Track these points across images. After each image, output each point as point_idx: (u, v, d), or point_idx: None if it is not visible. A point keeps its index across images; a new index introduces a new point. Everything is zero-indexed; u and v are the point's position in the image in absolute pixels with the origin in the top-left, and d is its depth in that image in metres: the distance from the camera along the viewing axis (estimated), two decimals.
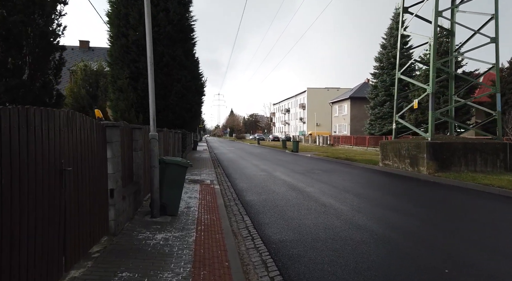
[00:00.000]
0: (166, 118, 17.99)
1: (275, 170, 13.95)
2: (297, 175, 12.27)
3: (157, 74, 17.56)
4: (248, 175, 12.38)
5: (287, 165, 16.14)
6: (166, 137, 10.93)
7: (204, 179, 10.84)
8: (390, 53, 34.63)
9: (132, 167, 6.15)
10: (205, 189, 9.15)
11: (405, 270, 3.81)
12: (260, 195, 8.46)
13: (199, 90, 19.59)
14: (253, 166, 15.70)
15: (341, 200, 7.83)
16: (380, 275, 3.67)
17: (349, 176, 12.22)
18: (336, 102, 57.28)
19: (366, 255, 4.26)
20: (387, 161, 13.63)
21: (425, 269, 3.84)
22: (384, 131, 34.56)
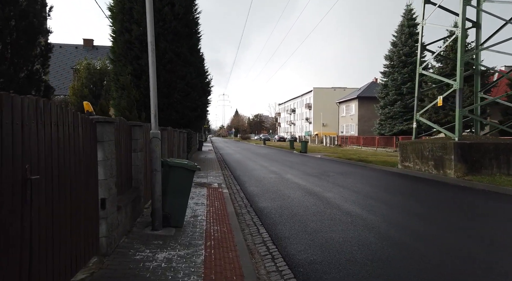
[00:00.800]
0: (169, 117, 17.21)
1: (286, 172, 13.09)
2: (311, 178, 11.39)
3: (159, 71, 16.79)
4: (258, 178, 11.53)
5: (297, 167, 15.26)
6: (171, 137, 10.13)
7: (211, 182, 10.01)
8: (401, 50, 33.57)
9: (130, 170, 5.33)
10: (213, 193, 8.32)
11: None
12: (274, 201, 7.60)
13: (204, 88, 18.78)
14: (262, 168, 14.85)
15: (367, 208, 6.94)
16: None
17: (367, 180, 11.31)
18: (343, 102, 56.24)
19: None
20: (407, 163, 12.68)
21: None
22: (395, 131, 33.51)
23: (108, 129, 3.83)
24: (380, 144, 34.83)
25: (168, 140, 9.51)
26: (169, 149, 9.70)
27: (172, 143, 10.81)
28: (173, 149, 10.87)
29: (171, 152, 10.19)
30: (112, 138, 3.95)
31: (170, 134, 10.03)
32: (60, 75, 32.89)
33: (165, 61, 16.75)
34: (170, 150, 9.83)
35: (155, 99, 5.05)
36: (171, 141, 10.25)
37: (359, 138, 39.51)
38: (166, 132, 8.85)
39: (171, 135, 10.26)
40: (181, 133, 13.45)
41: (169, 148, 9.65)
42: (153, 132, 4.93)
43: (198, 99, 17.87)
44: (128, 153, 5.16)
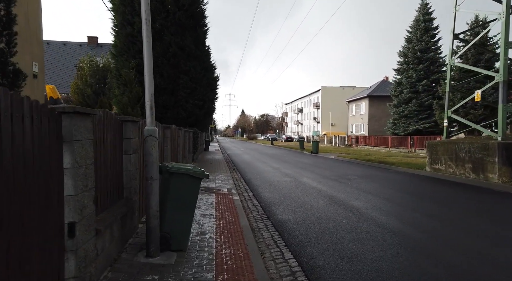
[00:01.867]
0: (177, 116, 16.15)
1: (301, 175, 11.91)
2: (330, 182, 10.20)
3: (163, 67, 15.76)
4: (271, 182, 10.37)
5: (312, 169, 14.06)
6: (175, 136, 9.02)
7: (220, 187, 8.88)
8: (416, 46, 32.09)
9: (121, 177, 4.22)
10: (222, 201, 7.19)
11: None
12: (295, 211, 6.43)
13: (211, 83, 17.67)
14: (274, 170, 13.68)
15: (410, 222, 5.74)
16: None
17: (395, 184, 10.08)
18: (353, 101, 54.77)
19: None
20: (438, 165, 11.40)
21: None
22: (410, 131, 32.06)
23: (82, 124, 2.71)
24: (393, 144, 33.41)
25: (172, 141, 8.41)
26: (173, 150, 8.60)
27: (176, 143, 9.72)
28: (177, 150, 9.77)
29: (175, 153, 9.09)
30: (88, 136, 2.83)
31: (174, 133, 8.94)
32: (64, 73, 32.15)
33: (169, 55, 15.71)
34: (174, 151, 8.72)
35: (151, 87, 3.94)
36: (175, 141, 9.15)
37: (371, 138, 38.09)
38: (169, 131, 7.75)
39: (175, 134, 9.17)
40: (186, 132, 12.37)
41: (172, 149, 8.55)
42: (148, 129, 3.80)
43: (205, 94, 16.77)
44: (117, 155, 4.05)
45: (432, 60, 31.81)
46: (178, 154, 9.90)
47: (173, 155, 8.69)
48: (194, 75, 16.31)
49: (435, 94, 30.93)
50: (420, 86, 31.48)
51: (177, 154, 9.82)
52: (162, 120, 15.91)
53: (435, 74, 31.57)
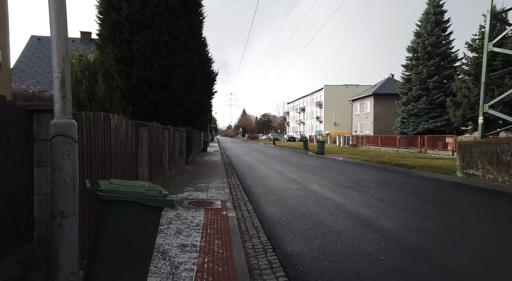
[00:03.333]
0: (169, 112, 14.46)
1: (310, 181, 10.21)
2: (346, 191, 8.50)
3: (153, 58, 14.08)
4: (275, 190, 8.68)
5: (321, 173, 12.36)
6: (156, 136, 7.33)
7: (212, 199, 7.19)
8: (426, 41, 30.32)
9: (29, 204, 2.52)
10: (212, 220, 5.50)
11: None
12: (310, 238, 4.73)
13: (208, 78, 15.99)
14: (277, 174, 11.99)
15: (484, 258, 4.04)
16: None
17: (427, 195, 8.36)
18: (357, 99, 53.12)
19: None
20: (473, 170, 9.66)
21: None
22: (420, 130, 30.32)
23: None
24: (402, 145, 31.68)
25: (151, 142, 6.73)
26: (153, 155, 6.90)
27: (161, 145, 8.02)
28: (161, 153, 8.08)
29: (157, 158, 7.40)
30: None
31: (155, 133, 7.24)
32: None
33: (160, 45, 14.01)
34: (155, 155, 7.03)
35: (62, 50, 2.24)
36: (158, 142, 7.45)
37: (377, 137, 36.34)
38: (146, 129, 6.06)
39: (157, 134, 7.46)
40: (176, 131, 10.69)
41: (153, 153, 6.86)
42: (56, 124, 2.11)
43: (201, 90, 15.09)
44: (21, 168, 2.36)
45: (443, 55, 30.04)
46: (163, 158, 8.21)
47: (154, 161, 7.00)
48: (191, 69, 14.64)
49: (447, 91, 29.18)
50: (431, 82, 29.71)
51: (162, 158, 8.13)
52: (152, 117, 14.23)
53: (446, 70, 29.82)
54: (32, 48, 32.43)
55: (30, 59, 31.18)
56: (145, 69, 13.60)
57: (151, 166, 6.69)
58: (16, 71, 29.69)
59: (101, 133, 3.85)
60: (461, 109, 24.12)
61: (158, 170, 7.48)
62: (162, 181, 7.79)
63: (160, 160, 7.84)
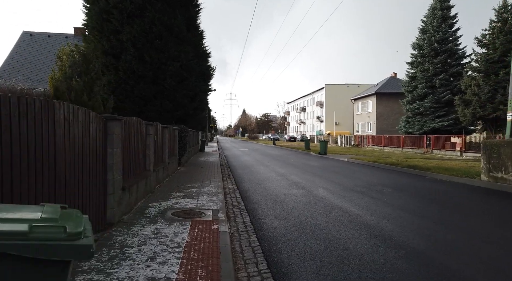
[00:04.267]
0: (161, 108, 13.35)
1: (315, 185, 9.10)
2: (358, 197, 7.38)
3: (144, 50, 12.97)
4: (277, 196, 7.57)
5: (327, 176, 11.25)
6: (133, 134, 6.20)
7: (202, 208, 6.07)
8: (432, 37, 29.20)
9: None
10: (199, 238, 4.38)
11: None
12: (326, 267, 3.59)
13: (204, 72, 14.86)
14: (278, 177, 10.88)
15: None
16: None
17: (454, 203, 7.24)
18: (359, 99, 52.02)
19: None
20: (501, 174, 8.52)
21: None
22: (425, 129, 29.19)
23: None
24: (407, 145, 30.61)
25: (129, 141, 5.61)
26: (130, 155, 5.77)
27: (143, 145, 6.90)
28: (145, 153, 6.95)
29: (137, 159, 6.27)
30: None
31: (135, 130, 6.11)
32: (46, 67, 29.40)
33: (152, 36, 12.89)
34: (132, 156, 5.90)
35: None
36: (137, 142, 6.32)
37: (380, 137, 35.25)
38: (118, 124, 4.94)
39: (137, 131, 6.33)
40: (165, 129, 9.55)
41: (130, 156, 5.73)
42: None
43: (197, 85, 13.98)
44: None
45: (450, 52, 28.92)
46: (147, 159, 7.09)
47: (132, 163, 5.88)
48: (185, 62, 13.53)
49: (454, 89, 28.07)
50: (437, 80, 28.59)
51: (145, 160, 7.00)
52: (141, 114, 13.12)
53: (454, 67, 28.70)
54: (23, 44, 31.30)
55: (22, 55, 30.06)
56: (132, 60, 12.48)
57: (128, 169, 5.57)
58: (7, 67, 28.54)
59: (38, 125, 2.75)
60: (471, 108, 22.99)
61: (139, 174, 6.36)
62: (144, 186, 6.67)
63: (142, 162, 6.72)
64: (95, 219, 4.27)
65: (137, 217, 5.23)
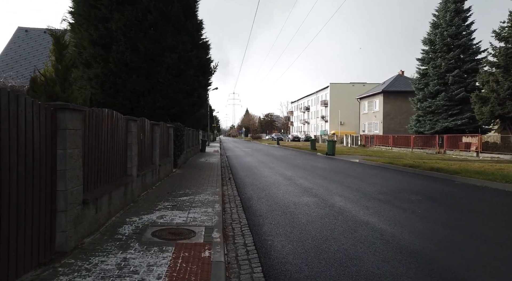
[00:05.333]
0: (154, 104, 12.11)
1: (329, 192, 7.79)
2: (384, 209, 6.07)
3: (137, 39, 11.76)
4: (286, 207, 6.27)
5: (340, 179, 9.93)
6: (103, 130, 4.92)
7: (192, 223, 4.77)
8: (445, 31, 27.73)
9: None
10: (182, 274, 3.09)
11: None
12: None
13: (204, 65, 13.59)
14: (286, 181, 9.58)
15: None
16: None
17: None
18: (366, 97, 50.52)
19: None
20: None
21: None
22: (437, 129, 27.70)
23: None
24: (417, 145, 29.17)
25: (96, 139, 4.34)
26: (99, 160, 4.49)
27: (122, 144, 5.62)
28: (126, 156, 5.66)
29: (111, 166, 4.98)
30: None
31: (106, 126, 4.83)
32: (41, 63, 28.30)
33: (146, 25, 11.64)
34: (104, 161, 4.61)
35: None
36: (111, 141, 5.03)
37: (389, 137, 33.81)
38: (77, 117, 3.66)
39: (113, 127, 5.04)
40: (156, 126, 8.27)
41: (96, 158, 4.46)
42: None
43: (195, 79, 12.71)
44: None
45: (464, 47, 27.42)
46: (128, 161, 5.81)
47: (102, 167, 4.59)
48: (182, 53, 12.27)
49: (468, 86, 26.60)
50: (451, 77, 27.10)
51: (126, 162, 5.73)
52: (134, 110, 11.89)
53: (468, 63, 27.21)
54: (18, 40, 30.20)
55: (16, 52, 28.96)
56: (125, 52, 11.24)
57: (96, 175, 4.30)
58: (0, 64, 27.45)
59: None
60: (489, 105, 21.52)
61: (114, 181, 5.09)
62: (123, 196, 5.40)
63: (121, 165, 5.44)
64: (35, 249, 3.00)
65: (104, 240, 3.96)
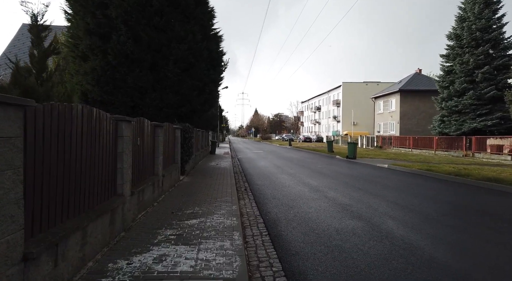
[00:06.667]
0: (161, 102, 10.65)
1: (375, 211, 6.15)
2: (468, 244, 4.42)
3: (140, 27, 10.30)
4: (328, 237, 4.66)
5: (379, 192, 8.27)
6: (72, 135, 3.35)
7: (203, 272, 3.20)
8: (473, 25, 25.65)
9: None
10: None
11: None
12: None
13: (215, 58, 12.06)
14: (314, 194, 7.96)
15: None
16: None
17: None
18: (381, 97, 48.40)
19: None
20: None
21: None
22: (465, 130, 25.64)
23: None
24: (441, 147, 27.11)
25: (47, 152, 2.81)
26: (66, 185, 2.96)
27: (109, 153, 4.10)
28: (115, 168, 4.15)
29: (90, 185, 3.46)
30: None
31: (77, 128, 3.29)
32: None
33: (150, 11, 10.17)
34: (70, 186, 3.09)
35: None
36: (91, 149, 3.50)
37: (408, 138, 31.78)
38: (10, 119, 2.11)
39: (95, 128, 3.50)
40: (158, 128, 6.73)
41: (41, 191, 2.93)
42: None
43: (206, 73, 11.20)
44: None
45: (494, 42, 25.31)
46: (117, 177, 4.29)
47: (67, 189, 3.07)
48: (192, 44, 10.79)
49: (499, 84, 24.53)
50: (480, 73, 25.03)
51: (113, 178, 4.21)
52: (136, 109, 10.44)
53: (498, 59, 25.11)
54: (22, 37, 29.18)
55: (20, 49, 27.93)
56: (126, 42, 9.80)
57: (54, 205, 2.77)
58: (2, 61, 26.35)
59: None
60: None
61: (94, 206, 3.57)
62: (108, 226, 3.87)
63: (107, 182, 3.92)
64: None
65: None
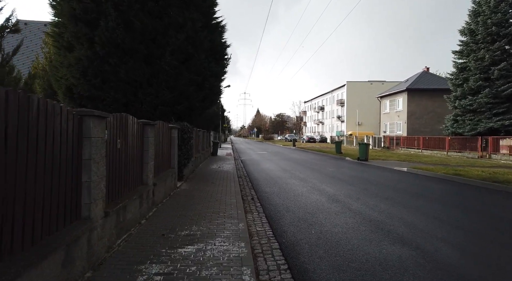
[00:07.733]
0: (157, 98, 9.46)
1: (418, 231, 4.93)
2: None
3: (133, 12, 9.09)
4: (372, 273, 3.44)
5: (413, 204, 7.03)
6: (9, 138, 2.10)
7: None
8: (489, 19, 24.34)
9: None
10: None
11: None
12: None
13: (217, 50, 10.82)
14: (334, 205, 6.73)
15: None
16: None
17: None
18: (387, 96, 47.03)
19: None
20: None
21: None
22: (480, 130, 24.32)
23: None
24: (453, 148, 25.79)
25: None
26: None
27: (74, 166, 2.88)
28: (79, 184, 2.94)
29: (34, 212, 2.26)
30: None
31: (16, 129, 2.09)
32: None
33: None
34: None
35: None
36: (46, 159, 2.28)
37: (417, 138, 30.46)
38: None
39: (46, 124, 2.30)
40: (148, 126, 5.50)
41: None
42: None
43: (206, 66, 9.98)
44: None
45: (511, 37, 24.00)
46: (83, 194, 3.08)
47: None
48: (191, 33, 9.58)
49: None
50: (496, 70, 23.71)
51: (78, 198, 3.00)
52: (129, 106, 9.24)
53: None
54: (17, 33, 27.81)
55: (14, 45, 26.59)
56: (116, 29, 8.59)
57: None
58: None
59: None
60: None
61: (41, 239, 2.35)
62: (61, 269, 2.65)
63: (65, 202, 2.71)
64: None
65: None
